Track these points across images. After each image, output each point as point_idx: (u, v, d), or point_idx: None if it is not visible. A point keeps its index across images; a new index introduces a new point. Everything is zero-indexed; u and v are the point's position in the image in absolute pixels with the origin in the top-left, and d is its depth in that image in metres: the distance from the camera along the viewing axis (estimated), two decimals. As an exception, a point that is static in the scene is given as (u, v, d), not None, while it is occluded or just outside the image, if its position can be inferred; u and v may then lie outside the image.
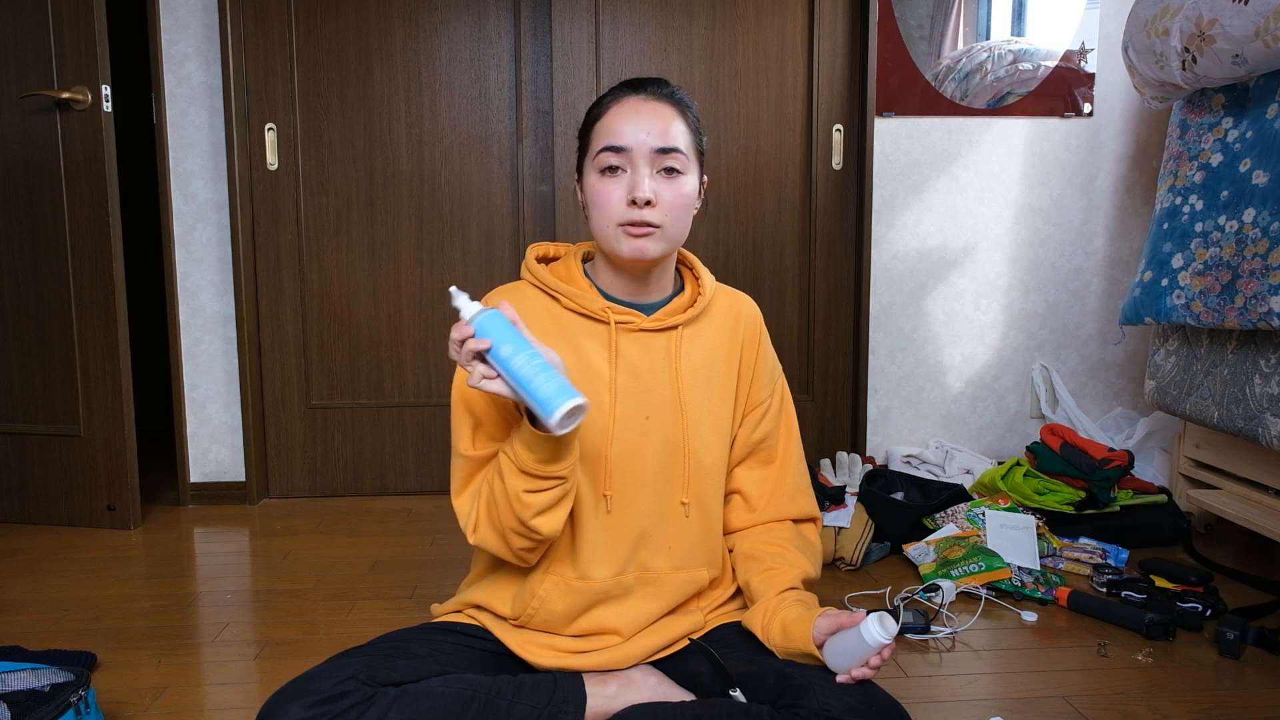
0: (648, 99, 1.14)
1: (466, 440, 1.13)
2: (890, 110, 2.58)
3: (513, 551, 1.12)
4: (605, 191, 1.12)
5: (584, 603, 1.17)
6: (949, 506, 2.08)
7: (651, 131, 1.12)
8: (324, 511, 2.46)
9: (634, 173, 1.12)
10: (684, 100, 1.18)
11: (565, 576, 1.17)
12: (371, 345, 2.58)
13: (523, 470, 1.04)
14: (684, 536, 1.20)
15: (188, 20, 2.42)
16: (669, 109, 1.15)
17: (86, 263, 2.23)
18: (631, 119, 1.12)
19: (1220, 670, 1.48)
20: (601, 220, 1.14)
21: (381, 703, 1.01)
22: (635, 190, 1.11)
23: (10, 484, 2.36)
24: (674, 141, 1.13)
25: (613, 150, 1.12)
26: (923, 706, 1.36)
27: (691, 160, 1.16)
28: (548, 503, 1.06)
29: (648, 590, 1.18)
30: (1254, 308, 1.79)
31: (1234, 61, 1.81)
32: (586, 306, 1.17)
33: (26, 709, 1.11)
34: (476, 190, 2.55)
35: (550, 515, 1.07)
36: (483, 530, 1.12)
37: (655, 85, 1.17)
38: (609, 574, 1.17)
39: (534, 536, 1.08)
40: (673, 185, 1.14)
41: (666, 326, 1.20)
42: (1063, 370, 2.74)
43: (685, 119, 1.16)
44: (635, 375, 1.17)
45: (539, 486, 1.05)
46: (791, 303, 2.65)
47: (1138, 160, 2.68)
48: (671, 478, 1.19)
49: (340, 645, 1.49)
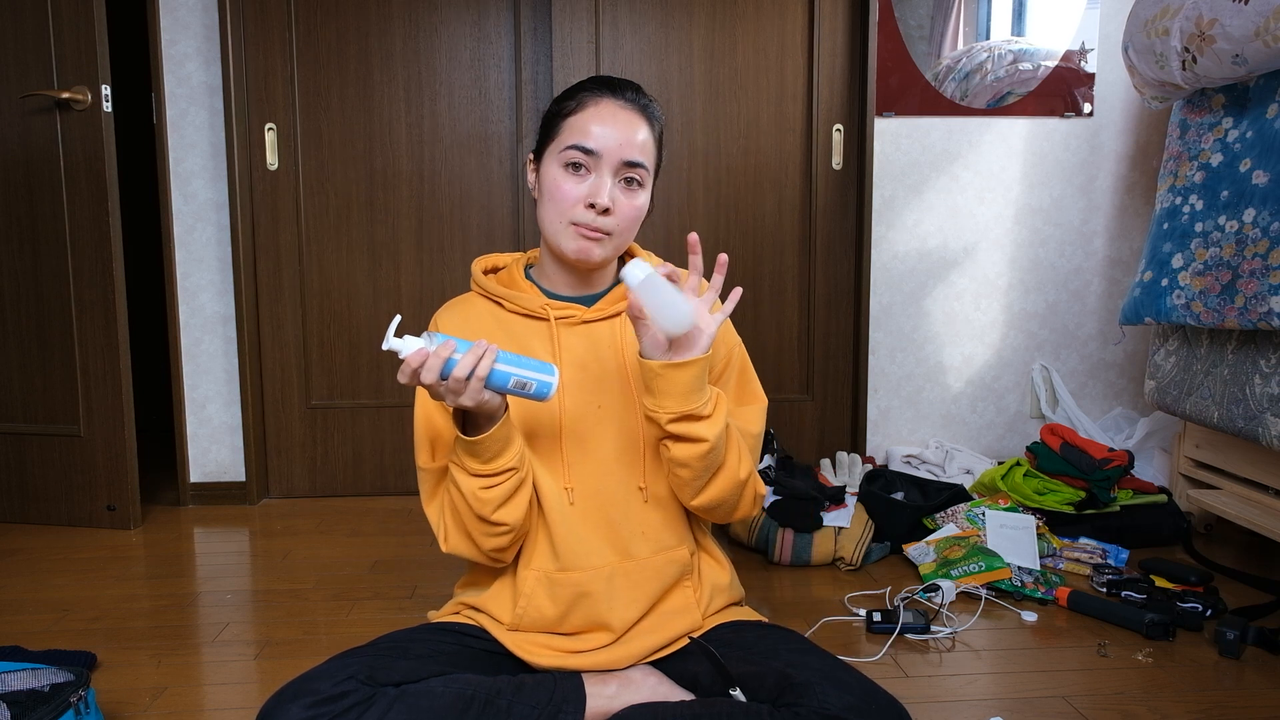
0: (624, 106, 1.16)
1: (426, 455, 1.20)
2: (890, 110, 2.58)
3: (484, 553, 1.15)
4: (565, 188, 1.15)
5: (570, 595, 1.17)
6: (949, 506, 2.08)
7: (623, 142, 1.14)
8: (324, 511, 2.46)
9: (598, 177, 1.14)
10: (655, 114, 1.20)
11: (547, 571, 1.18)
12: (371, 345, 2.58)
13: (473, 474, 1.09)
14: (651, 519, 1.21)
15: (188, 20, 2.42)
16: (642, 121, 1.17)
17: (86, 263, 2.23)
18: (606, 123, 1.14)
19: (1220, 670, 1.48)
20: (554, 212, 1.16)
21: (381, 703, 1.01)
22: (596, 196, 1.13)
23: (10, 484, 2.36)
24: (641, 156, 1.16)
25: (581, 150, 1.14)
26: (923, 706, 1.36)
27: (650, 174, 1.19)
28: (505, 495, 1.10)
29: (630, 578, 1.19)
30: (1254, 308, 1.79)
31: (1234, 61, 1.81)
32: (527, 306, 1.21)
33: (26, 709, 1.11)
34: (476, 190, 2.55)
35: (511, 505, 1.11)
36: (453, 538, 1.17)
37: (633, 91, 1.18)
38: (589, 564, 1.18)
39: (501, 529, 1.12)
40: (631, 197, 1.16)
41: (608, 315, 1.22)
42: (1063, 370, 2.74)
43: (654, 133, 1.19)
44: (582, 368, 1.20)
45: (492, 483, 1.09)
46: (791, 303, 2.65)
47: (1138, 160, 2.68)
48: (632, 463, 1.20)
49: (340, 645, 1.49)
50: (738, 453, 1.18)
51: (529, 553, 1.19)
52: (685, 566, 1.23)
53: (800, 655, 1.12)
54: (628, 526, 1.19)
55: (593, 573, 1.18)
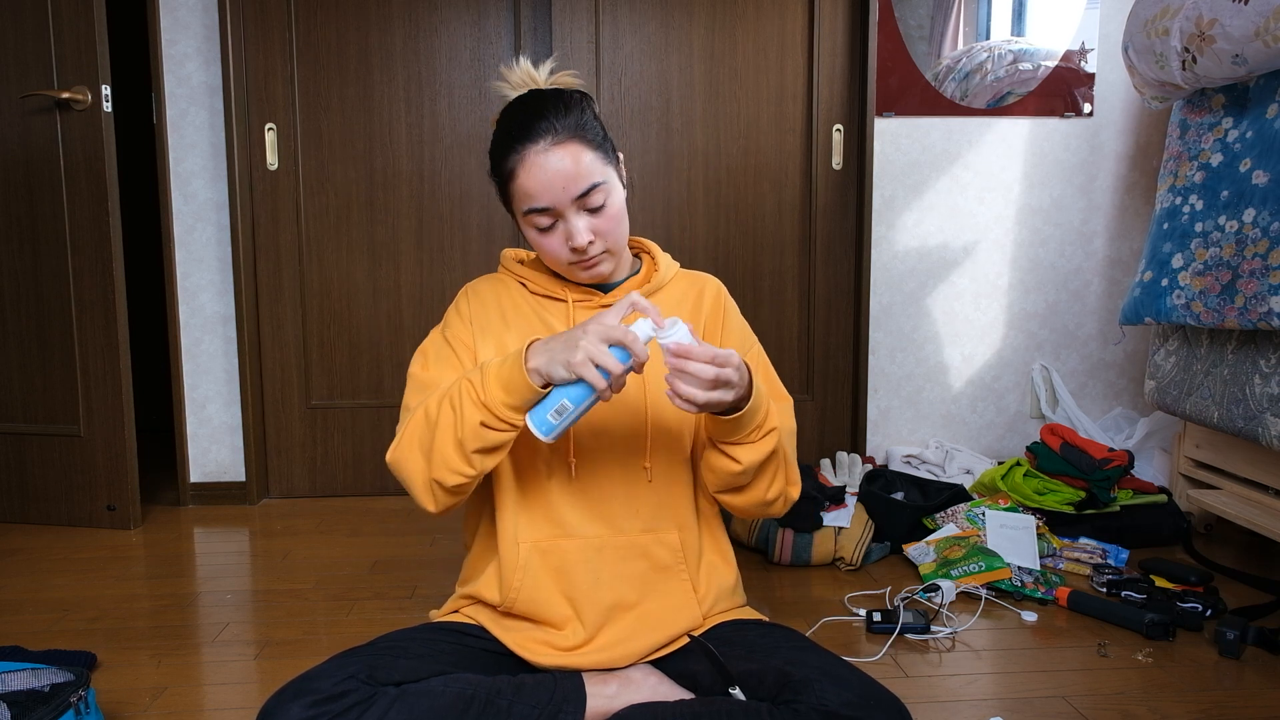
0: (548, 148, 1.12)
1: (420, 364, 1.22)
2: (890, 110, 2.58)
3: (428, 480, 1.11)
4: (546, 244, 1.18)
5: (558, 564, 1.18)
6: (949, 506, 2.08)
7: (566, 184, 1.12)
8: (324, 511, 2.46)
9: (565, 223, 1.15)
10: (579, 122, 1.14)
11: (537, 541, 1.18)
12: (371, 345, 2.58)
13: (487, 405, 1.05)
14: (649, 499, 1.22)
15: (188, 20, 2.42)
16: (571, 146, 1.12)
17: (86, 263, 2.23)
18: (541, 179, 1.12)
19: (1220, 670, 1.48)
20: (550, 261, 1.21)
21: (381, 702, 1.01)
22: (573, 239, 1.15)
23: (10, 484, 2.36)
24: (588, 180, 1.13)
25: (538, 212, 1.15)
26: (923, 706, 1.36)
27: (610, 173, 1.16)
28: (497, 442, 1.08)
29: (619, 552, 1.20)
30: (1254, 308, 1.79)
31: (1234, 61, 1.81)
32: (548, 288, 1.25)
33: (26, 709, 1.11)
34: (476, 190, 2.55)
35: (493, 457, 1.10)
36: (405, 449, 1.13)
37: (549, 120, 1.12)
38: (579, 534, 1.19)
39: (466, 472, 1.08)
40: (604, 214, 1.16)
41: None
42: (1063, 370, 2.74)
43: (587, 140, 1.14)
44: None
45: (497, 425, 1.06)
46: (791, 303, 2.65)
47: (1138, 160, 2.68)
48: (638, 443, 1.21)
49: (340, 645, 1.49)
50: (769, 479, 1.18)
51: (521, 524, 1.19)
52: (675, 551, 1.22)
53: (800, 653, 1.12)
54: (625, 504, 1.21)
55: (582, 542, 1.19)
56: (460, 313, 1.26)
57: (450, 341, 1.23)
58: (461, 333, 1.24)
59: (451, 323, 1.26)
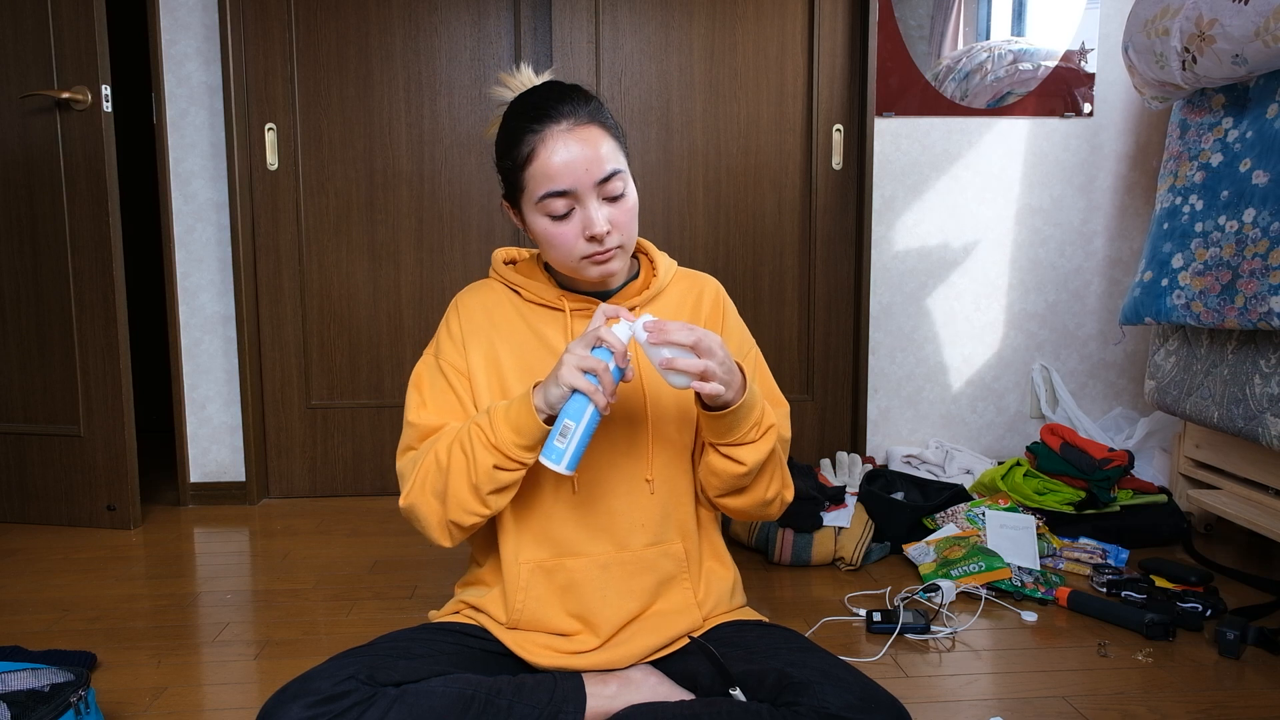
0: (572, 127, 1.11)
1: (417, 410, 1.20)
2: (890, 110, 2.58)
3: (444, 521, 1.13)
4: (561, 234, 1.13)
5: (565, 583, 1.18)
6: (949, 506, 2.08)
7: (589, 167, 1.10)
8: (324, 511, 2.46)
9: (583, 209, 1.12)
10: (600, 110, 1.15)
11: (541, 560, 1.18)
12: (371, 345, 2.58)
13: (499, 448, 1.07)
14: (653, 512, 1.21)
15: (188, 20, 2.42)
16: (595, 131, 1.12)
17: (86, 263, 2.23)
18: (565, 157, 1.10)
19: (1220, 670, 1.48)
20: (561, 255, 1.15)
21: (382, 703, 1.01)
22: (592, 228, 1.11)
23: (10, 484, 2.36)
24: (611, 165, 1.12)
25: (557, 195, 1.11)
26: (923, 706, 1.36)
27: (625, 169, 1.16)
28: (509, 482, 1.10)
29: (626, 568, 1.19)
30: (1254, 308, 1.79)
31: (1234, 61, 1.81)
32: (544, 297, 1.22)
33: (26, 709, 1.11)
34: (476, 190, 2.55)
35: (505, 495, 1.12)
36: (418, 494, 1.14)
37: (568, 104, 1.12)
38: (584, 551, 1.18)
39: (482, 512, 1.12)
40: (621, 204, 1.14)
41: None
42: (1063, 370, 2.74)
43: (608, 129, 1.14)
44: None
45: (509, 466, 1.09)
46: (791, 303, 2.65)
47: (1138, 160, 2.68)
48: (638, 456, 1.20)
49: (340, 645, 1.49)
50: (769, 479, 1.18)
51: (523, 544, 1.19)
52: (679, 561, 1.22)
53: (800, 654, 1.12)
54: (628, 517, 1.20)
55: (587, 560, 1.18)
56: (451, 333, 1.23)
57: (445, 371, 1.21)
58: (454, 358, 1.21)
59: (444, 348, 1.23)
